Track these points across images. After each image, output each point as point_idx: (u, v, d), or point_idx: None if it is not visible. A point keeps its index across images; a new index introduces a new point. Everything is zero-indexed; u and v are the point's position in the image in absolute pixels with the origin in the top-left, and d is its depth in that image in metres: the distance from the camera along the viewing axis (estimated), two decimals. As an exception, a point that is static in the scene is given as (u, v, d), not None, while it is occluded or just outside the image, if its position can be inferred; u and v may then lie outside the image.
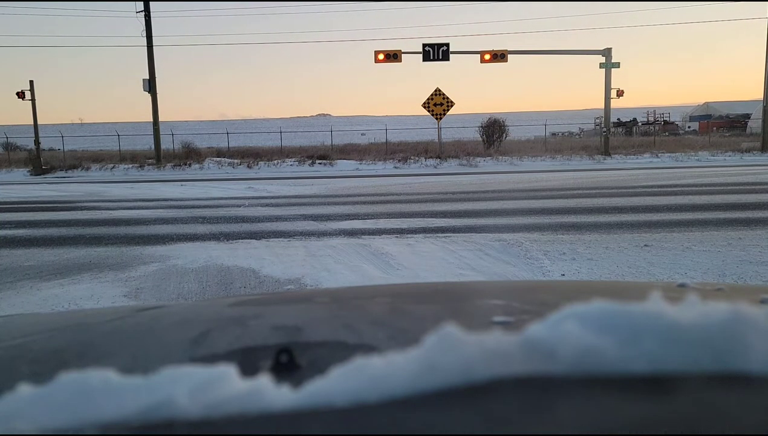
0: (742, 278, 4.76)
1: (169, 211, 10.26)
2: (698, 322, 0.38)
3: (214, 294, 4.72)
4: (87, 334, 0.74)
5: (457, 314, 0.72)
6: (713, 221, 7.34)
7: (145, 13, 25.29)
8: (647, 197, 10.18)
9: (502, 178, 15.51)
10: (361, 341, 0.59)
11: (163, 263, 5.87)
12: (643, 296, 0.41)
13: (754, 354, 0.37)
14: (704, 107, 68.59)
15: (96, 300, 4.61)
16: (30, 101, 25.11)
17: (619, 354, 0.37)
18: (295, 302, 0.87)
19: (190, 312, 0.84)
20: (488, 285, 1.20)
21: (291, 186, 14.93)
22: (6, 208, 11.36)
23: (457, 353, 0.37)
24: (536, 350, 0.38)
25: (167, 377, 0.36)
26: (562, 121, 58.22)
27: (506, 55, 23.90)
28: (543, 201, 10.16)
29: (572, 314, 0.39)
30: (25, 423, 0.33)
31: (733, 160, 22.01)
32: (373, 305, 0.80)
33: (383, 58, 23.72)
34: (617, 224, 7.38)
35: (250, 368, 0.45)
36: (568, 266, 5.24)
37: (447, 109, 24.16)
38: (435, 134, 27.35)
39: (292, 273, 5.26)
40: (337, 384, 0.37)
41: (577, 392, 0.36)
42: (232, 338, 0.63)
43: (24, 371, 0.58)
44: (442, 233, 7.07)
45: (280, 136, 32.26)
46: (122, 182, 18.80)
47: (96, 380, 0.36)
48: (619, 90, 24.74)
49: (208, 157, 27.40)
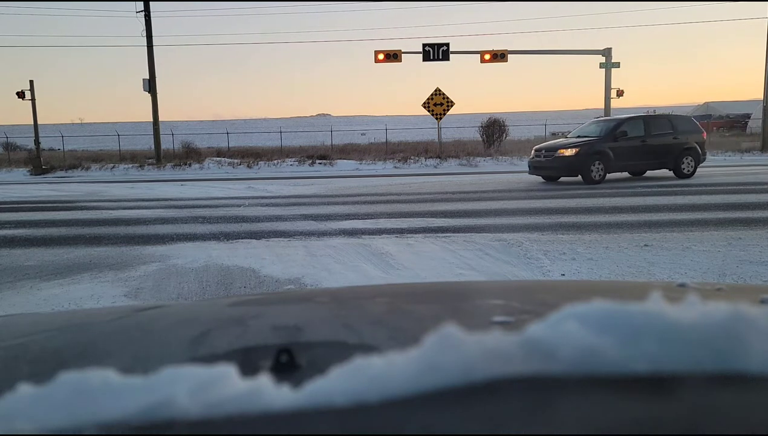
0: (742, 278, 4.76)
1: (169, 211, 10.26)
2: (698, 322, 0.38)
3: (214, 294, 4.72)
4: (87, 334, 0.74)
5: (457, 314, 0.72)
6: (713, 221, 7.35)
7: (145, 13, 25.29)
8: (647, 197, 10.18)
9: (502, 178, 15.51)
10: (361, 341, 0.59)
11: (163, 262, 5.87)
12: (643, 296, 0.41)
13: (754, 354, 0.37)
14: (704, 107, 68.60)
15: (96, 300, 4.60)
16: (30, 101, 25.11)
17: (619, 354, 0.37)
18: (295, 302, 0.87)
19: (190, 312, 0.84)
20: (488, 285, 1.20)
21: (291, 186, 14.93)
22: (6, 208, 11.36)
23: (457, 353, 0.37)
24: (536, 350, 0.38)
25: (167, 377, 0.36)
26: (562, 121, 58.21)
27: (506, 55, 23.91)
28: (543, 201, 10.17)
29: (572, 314, 0.39)
30: (25, 423, 0.33)
31: (733, 159, 22.02)
32: (373, 305, 0.80)
33: (383, 58, 23.73)
34: (617, 224, 7.38)
35: (250, 368, 0.45)
36: (568, 266, 5.24)
37: (447, 109, 24.15)
38: (435, 134, 27.37)
39: (292, 273, 5.26)
40: (337, 384, 0.37)
41: (577, 392, 0.36)
42: (232, 338, 0.63)
43: (24, 371, 0.58)
44: (442, 233, 7.07)
45: (280, 136, 32.26)
46: (122, 182, 18.81)
47: (96, 380, 0.36)
48: (619, 90, 24.76)
49: (208, 157, 27.40)
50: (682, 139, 13.50)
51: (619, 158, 12.88)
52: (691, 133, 13.80)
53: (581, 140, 13.16)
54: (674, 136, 13.45)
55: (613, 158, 12.82)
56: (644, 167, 13.69)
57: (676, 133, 13.53)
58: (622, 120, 13.50)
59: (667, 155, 13.39)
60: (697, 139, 13.85)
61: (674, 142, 13.45)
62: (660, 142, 13.31)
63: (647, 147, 13.19)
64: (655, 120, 13.82)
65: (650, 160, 13.31)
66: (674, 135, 13.47)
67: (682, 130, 13.69)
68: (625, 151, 12.93)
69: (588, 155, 12.66)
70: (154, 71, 25.16)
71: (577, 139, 13.39)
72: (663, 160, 13.39)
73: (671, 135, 13.47)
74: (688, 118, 14.75)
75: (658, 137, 13.34)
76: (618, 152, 12.86)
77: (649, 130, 13.35)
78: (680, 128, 13.72)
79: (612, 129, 13.18)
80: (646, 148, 13.18)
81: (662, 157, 13.36)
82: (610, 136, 13.00)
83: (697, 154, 13.65)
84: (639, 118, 13.72)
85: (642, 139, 13.17)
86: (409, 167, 21.92)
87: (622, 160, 12.97)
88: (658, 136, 13.33)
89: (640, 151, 13.12)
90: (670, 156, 13.41)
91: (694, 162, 13.60)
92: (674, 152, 13.41)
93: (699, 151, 13.69)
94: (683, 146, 13.49)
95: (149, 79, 25.05)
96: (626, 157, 12.98)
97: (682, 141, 13.50)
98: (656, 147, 13.27)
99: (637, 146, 13.10)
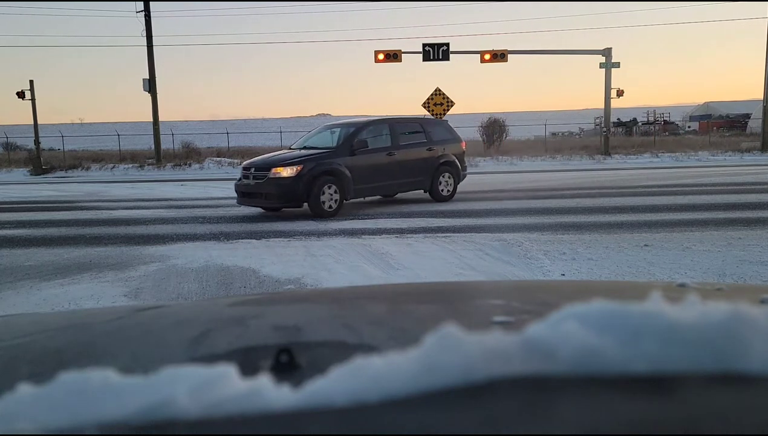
0: (742, 278, 4.76)
1: (170, 211, 10.26)
2: (698, 322, 0.38)
3: (214, 294, 4.73)
4: (87, 334, 0.74)
5: (457, 314, 0.72)
6: (713, 221, 7.35)
7: (145, 13, 25.29)
8: (647, 197, 10.19)
9: (502, 178, 15.52)
10: (361, 341, 0.59)
11: (163, 262, 5.87)
12: (643, 296, 0.41)
13: (754, 354, 0.37)
14: (704, 107, 68.63)
15: (96, 300, 4.61)
16: (30, 101, 25.11)
17: (619, 354, 0.37)
18: (295, 302, 0.87)
19: (190, 312, 0.84)
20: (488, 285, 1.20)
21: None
22: (6, 208, 11.36)
23: (457, 353, 0.37)
24: (536, 350, 0.38)
25: (167, 377, 0.36)
26: (562, 121, 58.26)
27: (506, 55, 23.91)
28: (543, 201, 10.17)
29: (572, 314, 0.39)
30: (25, 423, 0.33)
31: (733, 159, 22.02)
32: (373, 305, 0.80)
33: (383, 58, 23.73)
34: (617, 224, 7.38)
35: (250, 368, 0.45)
36: (568, 266, 5.24)
37: (447, 108, 24.14)
38: (435, 134, 27.35)
39: (292, 273, 5.27)
40: (337, 384, 0.37)
41: (577, 392, 0.36)
42: (232, 338, 0.64)
43: (24, 371, 0.58)
44: (442, 233, 7.07)
45: (280, 136, 32.26)
46: (122, 182, 18.81)
47: (96, 380, 0.36)
48: (619, 90, 24.74)
49: (208, 157, 27.39)
50: (438, 151, 10.47)
51: (359, 179, 9.32)
52: (449, 142, 10.81)
53: (306, 154, 9.40)
54: (429, 147, 10.36)
55: (352, 179, 9.21)
56: (393, 189, 10.23)
57: (431, 142, 10.45)
58: (361, 125, 9.91)
59: (421, 172, 10.17)
60: (456, 151, 10.89)
61: (429, 154, 10.32)
62: (412, 156, 10.07)
63: (396, 162, 9.83)
64: (405, 126, 10.45)
65: (400, 178, 9.95)
66: (429, 145, 10.38)
67: (437, 139, 10.61)
68: (366, 168, 9.44)
69: (315, 176, 8.85)
70: (154, 71, 25.17)
71: (301, 153, 9.52)
72: (416, 178, 10.16)
73: (425, 145, 10.36)
74: (443, 123, 11.54)
75: (410, 149, 10.12)
76: (358, 170, 9.31)
77: (397, 140, 10.01)
78: (435, 137, 10.61)
79: (349, 138, 9.56)
80: (395, 164, 9.82)
81: (415, 174, 10.12)
82: (346, 147, 9.40)
83: (456, 171, 10.72)
84: (383, 122, 10.24)
85: (389, 152, 9.79)
86: (409, 167, 21.90)
87: (363, 182, 9.41)
88: (409, 148, 10.12)
89: (386, 167, 9.71)
90: (425, 173, 10.23)
91: (453, 180, 10.64)
92: (429, 168, 10.27)
93: (459, 167, 10.80)
94: (440, 160, 10.45)
95: (149, 79, 25.05)
96: (369, 176, 9.47)
97: (438, 153, 10.47)
98: (407, 162, 9.98)
99: (383, 162, 9.68)
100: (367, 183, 9.50)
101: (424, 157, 10.25)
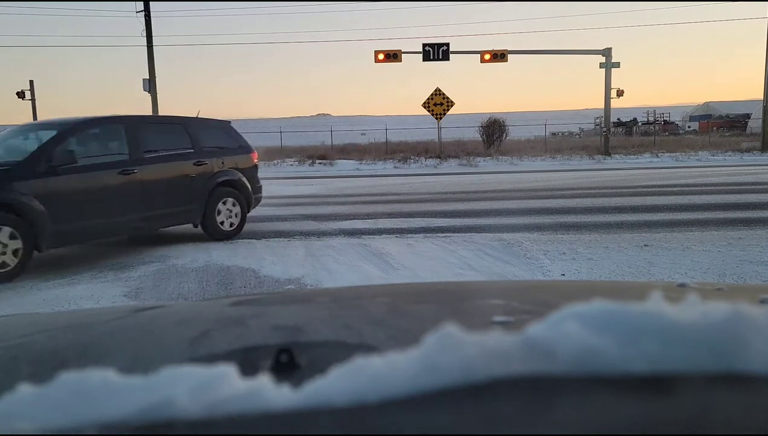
0: (742, 278, 4.76)
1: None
2: (698, 322, 0.38)
3: (214, 294, 4.73)
4: (87, 334, 0.74)
5: (457, 314, 0.72)
6: (713, 221, 7.35)
7: (145, 13, 25.29)
8: (647, 197, 10.18)
9: (502, 178, 15.51)
10: (361, 341, 0.59)
11: (163, 262, 5.87)
12: (643, 296, 0.41)
13: (754, 354, 0.37)
14: (704, 107, 68.67)
15: (96, 300, 4.61)
16: (30, 101, 25.12)
17: (619, 354, 0.37)
18: (295, 302, 0.87)
19: (190, 312, 0.84)
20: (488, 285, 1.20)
21: (291, 186, 14.93)
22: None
23: (457, 353, 0.37)
24: (536, 350, 0.38)
25: (167, 377, 0.36)
26: (562, 121, 58.25)
27: (506, 55, 23.91)
28: (543, 201, 10.16)
29: (572, 314, 0.39)
30: (25, 423, 0.33)
31: (733, 160, 22.01)
32: (373, 305, 0.80)
33: (383, 58, 23.73)
34: (617, 224, 7.38)
35: (250, 368, 0.45)
36: (568, 266, 5.24)
37: (447, 109, 24.16)
38: (435, 134, 27.36)
39: (292, 273, 5.26)
40: (337, 384, 0.37)
41: (577, 392, 0.36)
42: (232, 338, 0.64)
43: (24, 371, 0.58)
44: (442, 233, 7.07)
45: (279, 136, 32.27)
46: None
47: (96, 380, 0.36)
48: (619, 90, 24.75)
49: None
50: (213, 166, 7.12)
51: (65, 214, 5.59)
52: (231, 153, 7.49)
53: None
54: (197, 161, 6.95)
55: (49, 215, 5.46)
56: (133, 226, 6.37)
57: (201, 154, 7.05)
58: (71, 126, 6.10)
59: (184, 198, 6.76)
60: (244, 165, 7.67)
61: (198, 171, 6.94)
62: (167, 174, 6.64)
63: (137, 185, 6.29)
64: (154, 128, 6.89)
65: (146, 210, 6.36)
66: (197, 158, 6.98)
67: (211, 147, 7.24)
68: (79, 196, 5.79)
69: None
70: (154, 71, 25.17)
71: None
72: (176, 208, 6.69)
73: (191, 158, 6.93)
74: (222, 125, 7.74)
75: (164, 163, 6.65)
76: (61, 200, 5.61)
77: (138, 150, 6.40)
78: (208, 145, 7.22)
79: (45, 148, 5.74)
80: (136, 187, 6.27)
81: (175, 202, 6.67)
82: (37, 162, 5.58)
83: (245, 194, 7.51)
84: (115, 122, 6.49)
85: (124, 169, 6.20)
86: (409, 167, 21.91)
87: (73, 219, 5.67)
88: (162, 162, 6.64)
89: (119, 193, 6.14)
90: (192, 199, 6.84)
91: (239, 208, 7.34)
92: (199, 192, 6.90)
93: (248, 188, 7.60)
94: (216, 180, 7.12)
95: (149, 79, 25.05)
96: (84, 209, 5.79)
97: (215, 169, 7.13)
98: (158, 183, 6.51)
99: (112, 184, 6.09)
100: (81, 220, 5.75)
101: (189, 174, 6.84)
